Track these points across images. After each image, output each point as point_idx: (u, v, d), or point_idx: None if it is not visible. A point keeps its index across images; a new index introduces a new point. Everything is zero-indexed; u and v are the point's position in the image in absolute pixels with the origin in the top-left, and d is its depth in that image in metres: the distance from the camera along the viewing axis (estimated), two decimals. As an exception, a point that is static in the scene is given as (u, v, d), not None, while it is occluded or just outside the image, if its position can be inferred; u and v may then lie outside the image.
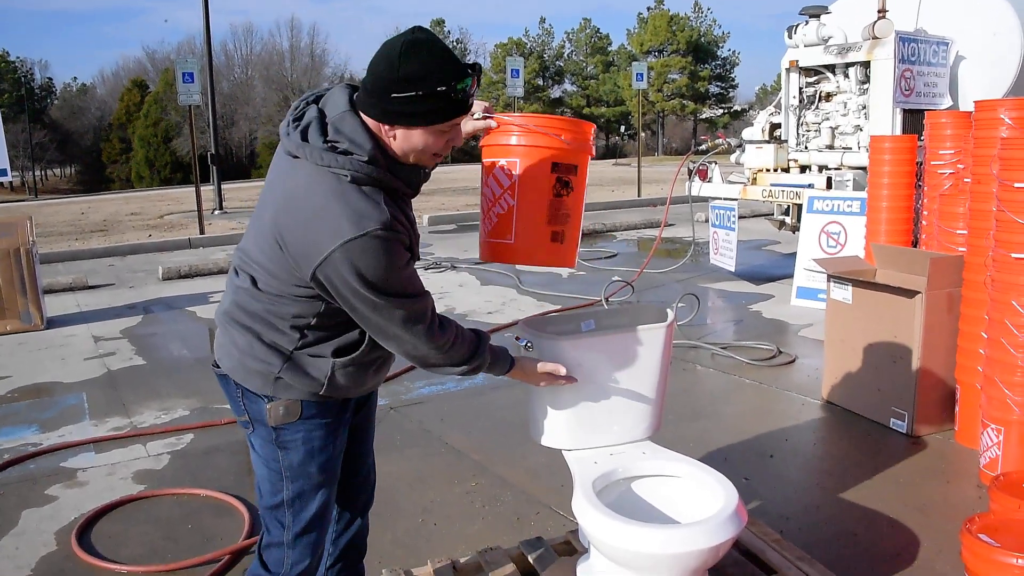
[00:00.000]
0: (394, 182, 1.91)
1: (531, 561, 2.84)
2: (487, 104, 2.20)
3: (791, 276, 7.65)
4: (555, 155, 2.15)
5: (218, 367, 2.11)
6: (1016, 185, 3.50)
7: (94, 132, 53.94)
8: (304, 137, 1.88)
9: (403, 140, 1.90)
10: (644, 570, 2.17)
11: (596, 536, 2.20)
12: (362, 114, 1.89)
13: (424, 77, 1.81)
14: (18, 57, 57.46)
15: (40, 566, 3.27)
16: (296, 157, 1.90)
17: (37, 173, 53.74)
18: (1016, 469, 3.52)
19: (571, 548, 2.94)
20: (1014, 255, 3.53)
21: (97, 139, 52.84)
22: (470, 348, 2.08)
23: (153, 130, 43.87)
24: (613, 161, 39.61)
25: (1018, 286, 3.54)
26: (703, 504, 2.25)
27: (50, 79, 62.34)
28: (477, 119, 2.19)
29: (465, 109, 1.90)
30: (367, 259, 1.81)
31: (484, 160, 2.24)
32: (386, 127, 1.89)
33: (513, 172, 2.17)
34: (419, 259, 2.08)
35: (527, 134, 2.14)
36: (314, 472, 2.08)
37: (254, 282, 1.98)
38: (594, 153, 2.34)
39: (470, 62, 1.88)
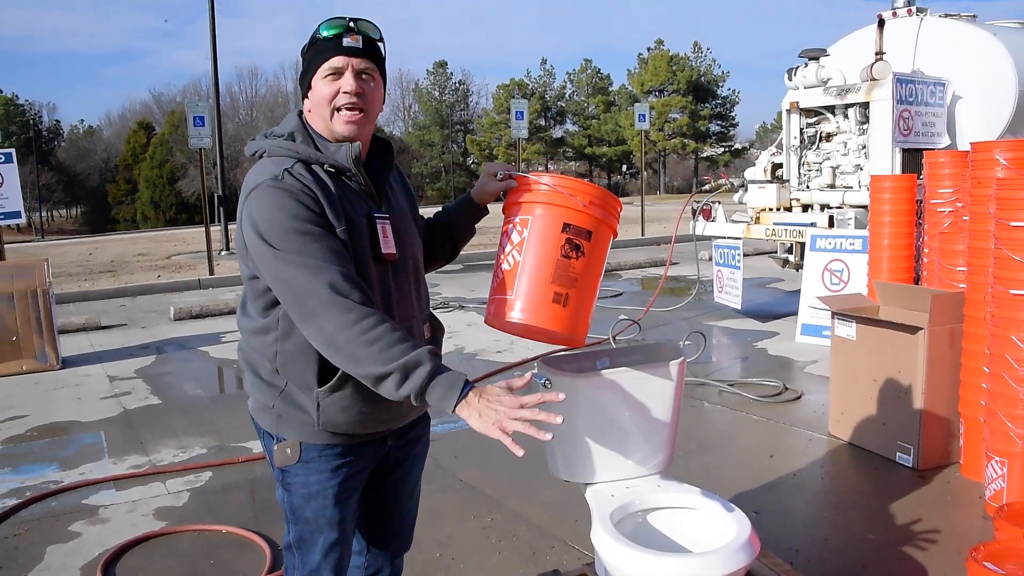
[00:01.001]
0: (317, 155, 1.97)
1: (549, 592, 2.92)
2: (509, 165, 2.22)
3: (795, 313, 7.75)
4: (568, 215, 2.10)
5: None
6: (1012, 224, 3.61)
7: (100, 173, 54.39)
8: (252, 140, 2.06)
9: (312, 103, 2.01)
10: (661, 598, 2.25)
11: (615, 565, 2.28)
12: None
13: (310, 37, 2.01)
14: (27, 100, 58.27)
15: (67, 601, 3.35)
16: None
17: (44, 214, 54.12)
18: (1020, 500, 3.59)
19: (587, 580, 3.02)
20: (1012, 291, 3.64)
21: (103, 180, 53.27)
22: (397, 350, 1.76)
23: (158, 171, 44.26)
24: (615, 199, 39.82)
25: (1017, 321, 3.64)
26: (717, 534, 2.34)
27: (57, 121, 63.06)
28: (500, 179, 2.20)
29: (337, 47, 1.97)
30: (258, 207, 1.87)
31: (504, 223, 2.22)
32: (307, 102, 2.03)
33: (524, 230, 2.13)
34: (391, 257, 2.03)
35: (541, 193, 2.13)
36: (310, 517, 2.06)
37: (243, 302, 2.07)
38: (617, 232, 2.29)
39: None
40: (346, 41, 1.97)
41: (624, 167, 55.74)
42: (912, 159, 7.61)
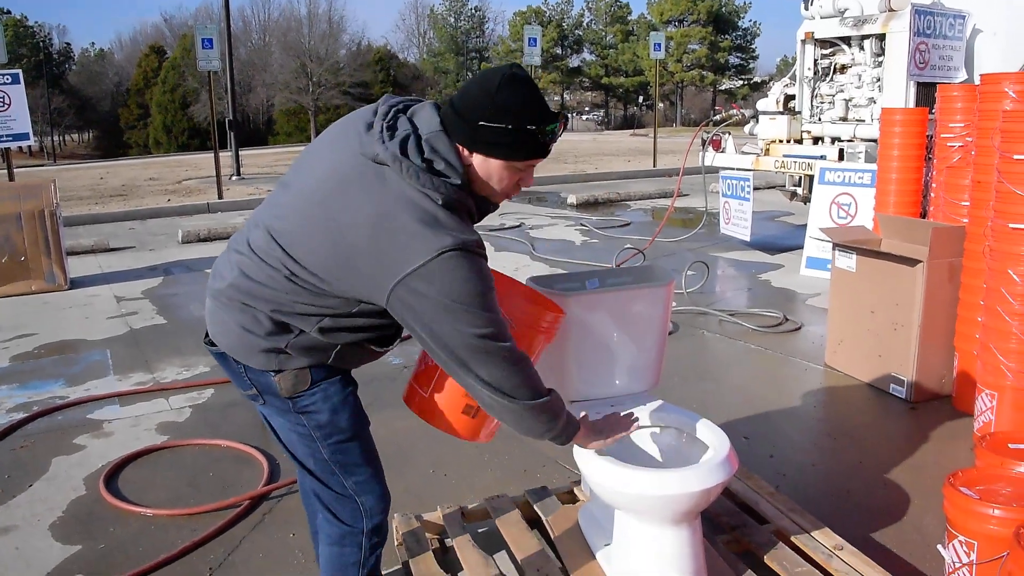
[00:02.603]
0: (472, 207, 1.95)
1: (535, 508, 2.99)
2: None
3: (802, 247, 7.73)
4: None
5: (212, 344, 2.07)
6: (1016, 157, 3.58)
7: (112, 98, 54.09)
8: (403, 151, 1.86)
9: (480, 167, 1.92)
10: (640, 512, 2.31)
11: (595, 480, 2.33)
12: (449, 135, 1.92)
13: (517, 112, 1.86)
14: (36, 22, 57.71)
15: (71, 508, 3.45)
16: (383, 165, 1.87)
17: (55, 138, 54.03)
18: (1005, 430, 3.63)
19: (574, 497, 3.09)
20: (1012, 225, 3.62)
21: (115, 105, 52.99)
22: (540, 386, 1.99)
23: (171, 96, 43.96)
24: (631, 132, 39.51)
25: (1015, 255, 3.63)
26: (697, 453, 2.39)
27: (68, 44, 62.47)
28: None
29: (545, 152, 1.94)
30: (457, 274, 1.79)
31: None
32: (466, 151, 1.91)
33: None
34: None
35: None
36: (346, 427, 2.07)
37: (291, 274, 1.91)
38: (552, 338, 2.25)
39: (556, 111, 1.93)
40: (551, 147, 1.95)
41: (641, 98, 55.05)
42: (926, 93, 7.48)
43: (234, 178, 16.13)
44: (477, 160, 1.91)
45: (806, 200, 8.30)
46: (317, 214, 1.89)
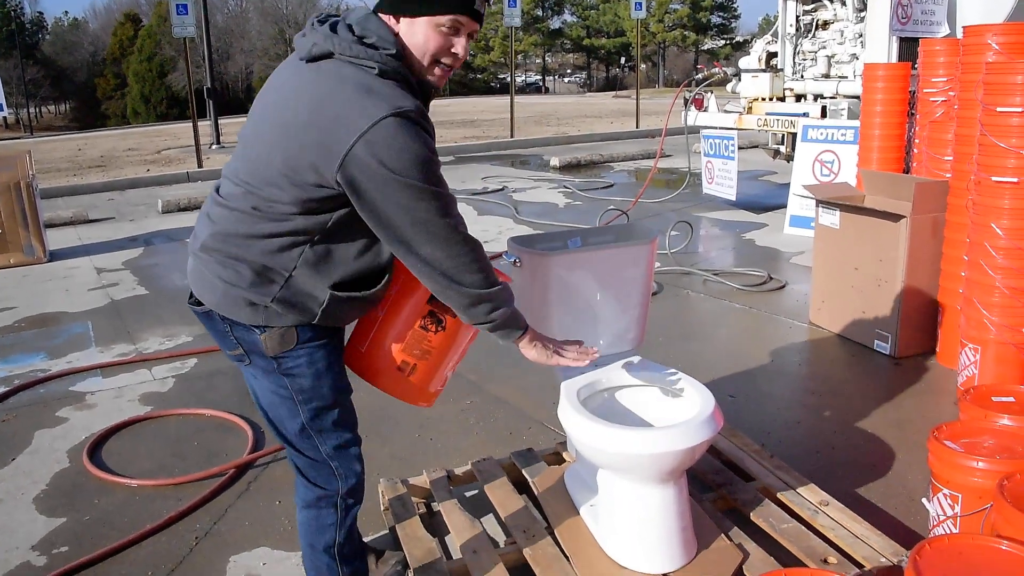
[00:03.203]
0: (412, 81, 1.92)
1: (521, 470, 2.99)
2: None
3: (786, 205, 7.72)
4: None
5: (198, 304, 2.04)
6: (999, 109, 3.56)
7: (88, 68, 53.31)
8: (333, 30, 1.89)
9: (407, 34, 1.90)
10: (625, 471, 2.30)
11: (580, 439, 2.32)
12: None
13: None
14: (7, -9, 56.60)
15: (55, 480, 3.43)
16: (316, 60, 1.88)
17: (31, 110, 53.27)
18: (988, 383, 3.65)
19: (560, 458, 3.09)
20: (994, 178, 3.61)
21: (91, 75, 52.25)
22: (491, 274, 1.98)
23: (148, 65, 43.36)
24: (613, 93, 39.31)
25: (998, 209, 3.63)
26: (682, 410, 2.38)
27: (40, 13, 61.51)
28: None
29: (468, 9, 1.89)
30: (399, 140, 1.76)
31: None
32: (393, 19, 1.90)
33: (393, 287, 2.10)
34: None
35: None
36: (327, 392, 2.07)
37: (253, 205, 1.90)
38: None
39: None
40: (478, 4, 1.90)
41: (623, 59, 54.72)
42: (909, 48, 7.43)
43: (214, 147, 15.96)
44: (404, 28, 1.90)
45: (789, 158, 8.27)
46: (265, 131, 1.91)
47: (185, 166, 13.40)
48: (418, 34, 1.89)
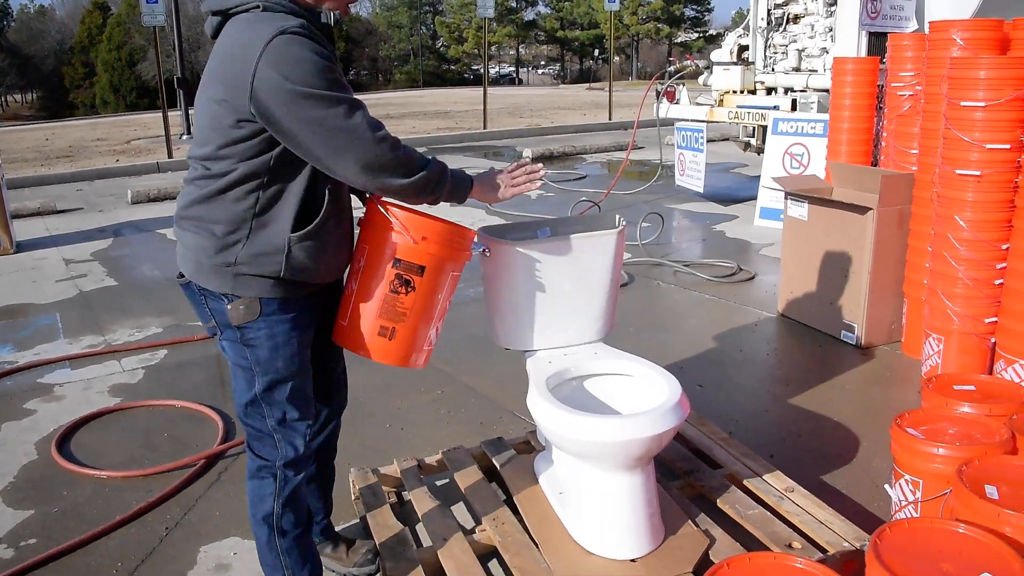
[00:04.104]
0: (311, 21, 2.02)
1: (492, 459, 3.01)
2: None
3: (756, 198, 7.79)
4: (398, 251, 2.13)
5: (181, 277, 2.18)
6: (962, 104, 3.62)
7: (55, 56, 52.46)
8: None
9: None
10: (593, 458, 2.33)
11: (548, 427, 2.35)
12: None
13: None
14: (-30, -23, 55.56)
15: (23, 473, 3.41)
16: (218, 33, 2.03)
17: (-2, 98, 52.48)
18: (950, 372, 3.72)
19: (530, 447, 3.11)
20: (958, 171, 3.67)
21: (58, 63, 51.40)
22: (419, 156, 2.09)
23: (117, 54, 42.74)
24: (587, 85, 39.33)
25: (961, 201, 3.69)
26: (650, 399, 2.41)
27: (6, 0, 60.43)
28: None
29: None
30: (291, 53, 1.88)
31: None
32: None
33: (361, 258, 2.19)
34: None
35: (375, 224, 2.16)
36: (281, 366, 2.15)
37: (206, 167, 2.03)
38: (461, 263, 2.27)
39: None
40: None
41: (596, 52, 54.72)
42: (878, 43, 7.50)
43: (184, 137, 15.80)
44: None
45: (760, 151, 8.34)
46: (198, 102, 2.05)
47: (155, 156, 13.26)
48: None
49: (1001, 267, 3.66)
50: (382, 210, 2.14)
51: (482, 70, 17.76)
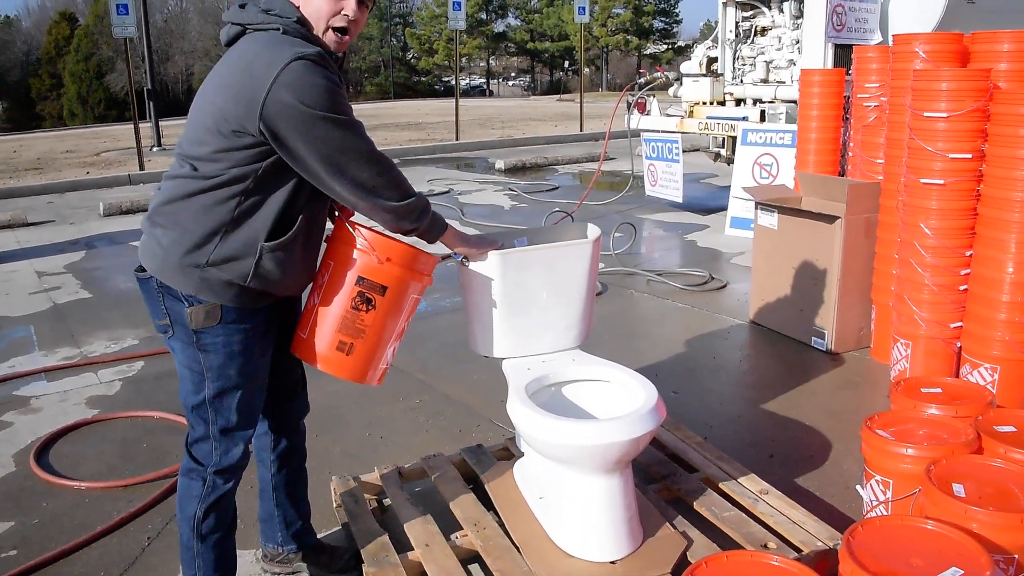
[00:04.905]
0: (325, 54, 2.09)
1: (471, 465, 3.05)
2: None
3: (726, 208, 7.90)
4: (362, 270, 2.19)
5: (142, 271, 2.19)
6: (925, 114, 3.73)
7: (21, 67, 51.87)
8: (242, 7, 2.13)
9: (305, 2, 2.11)
10: (571, 462, 2.38)
11: (528, 432, 2.40)
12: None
13: None
14: (-64, -13, 54.86)
15: (1, 485, 3.39)
16: (233, 41, 2.11)
17: (-38, 110, 51.78)
18: (917, 375, 3.81)
19: (509, 453, 3.16)
20: (923, 180, 3.78)
21: (25, 75, 50.84)
22: (409, 185, 2.20)
23: (85, 65, 42.37)
24: (557, 97, 39.53)
25: (926, 209, 3.79)
26: (626, 404, 2.46)
27: (-28, 11, 59.72)
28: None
29: None
30: (307, 78, 1.96)
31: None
32: None
33: (325, 274, 2.24)
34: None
35: (342, 241, 2.22)
36: (233, 374, 2.19)
37: (194, 167, 2.07)
38: (422, 287, 2.32)
39: None
40: None
41: (566, 63, 54.98)
42: (844, 55, 7.65)
43: (155, 149, 15.73)
44: (301, 0, 2.12)
45: (729, 161, 8.46)
46: (198, 106, 2.11)
47: (126, 168, 13.19)
48: (312, 3, 2.11)
49: (965, 273, 3.76)
50: (350, 228, 2.20)
51: (453, 82, 17.79)
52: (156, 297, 2.16)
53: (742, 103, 8.40)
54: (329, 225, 2.32)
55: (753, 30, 8.40)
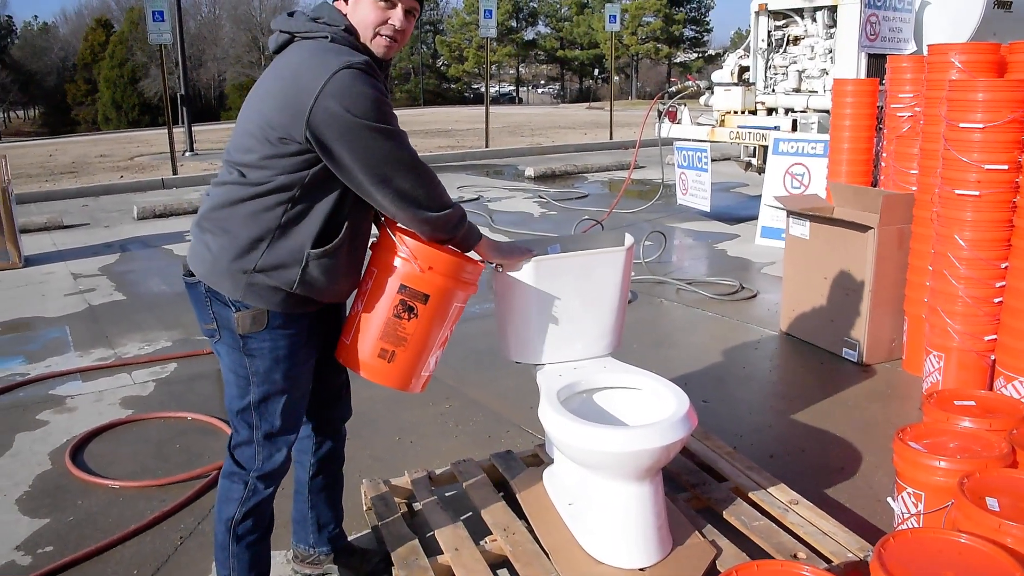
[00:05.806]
0: (371, 62, 2.11)
1: (501, 471, 3.06)
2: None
3: (757, 217, 7.87)
4: (404, 278, 2.19)
5: (190, 276, 2.22)
6: (961, 125, 3.70)
7: (58, 73, 52.71)
8: (291, 15, 2.18)
9: (352, 11, 2.14)
10: (602, 468, 2.38)
11: (559, 438, 2.41)
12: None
13: None
14: (-25, -5, 55.83)
15: (37, 483, 3.45)
16: (281, 49, 2.14)
17: (0, 115, 52.66)
18: (950, 388, 3.77)
19: (538, 460, 3.17)
20: (958, 191, 3.75)
21: (61, 80, 51.65)
22: (448, 196, 2.23)
23: (119, 71, 42.99)
24: (587, 105, 39.54)
25: (960, 221, 3.76)
26: (657, 411, 2.47)
27: (9, 17, 60.50)
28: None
29: None
30: (354, 87, 1.98)
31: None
32: (343, 2, 2.15)
33: (369, 281, 2.26)
34: None
35: (386, 249, 2.23)
36: (279, 379, 2.21)
37: (242, 173, 2.10)
38: (466, 296, 2.34)
39: None
40: None
41: (596, 71, 55.02)
42: (877, 64, 7.61)
43: (187, 154, 15.92)
44: (350, 8, 2.15)
45: (760, 170, 8.43)
46: (245, 113, 2.14)
47: (159, 173, 13.36)
48: (359, 11, 2.14)
49: (1000, 285, 3.73)
50: (394, 237, 2.21)
51: (483, 89, 17.86)
52: (204, 302, 2.19)
53: (774, 112, 8.37)
54: (375, 232, 2.34)
55: (786, 39, 8.37)
